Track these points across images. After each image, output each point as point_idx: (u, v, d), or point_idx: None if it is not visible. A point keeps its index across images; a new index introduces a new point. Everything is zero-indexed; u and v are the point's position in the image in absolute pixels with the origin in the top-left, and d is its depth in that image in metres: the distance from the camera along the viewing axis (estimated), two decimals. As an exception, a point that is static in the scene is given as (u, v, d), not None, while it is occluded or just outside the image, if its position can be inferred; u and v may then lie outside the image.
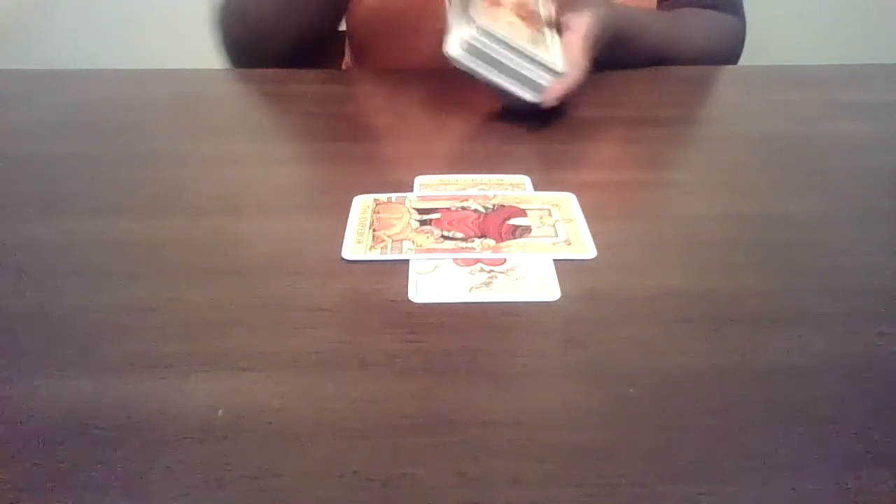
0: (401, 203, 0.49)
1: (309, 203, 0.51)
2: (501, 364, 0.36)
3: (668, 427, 0.33)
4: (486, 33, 0.58)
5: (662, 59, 0.73)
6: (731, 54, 0.82)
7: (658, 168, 0.56)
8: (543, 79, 0.59)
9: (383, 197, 0.50)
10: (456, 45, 0.58)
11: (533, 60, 0.59)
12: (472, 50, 0.58)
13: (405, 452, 0.32)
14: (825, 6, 1.33)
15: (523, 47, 0.58)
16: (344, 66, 0.85)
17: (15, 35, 1.30)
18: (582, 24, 0.62)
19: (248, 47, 0.75)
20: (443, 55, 0.58)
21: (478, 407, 0.34)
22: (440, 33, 0.59)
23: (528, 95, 0.59)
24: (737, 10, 0.82)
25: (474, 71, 0.59)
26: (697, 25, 0.78)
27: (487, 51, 0.58)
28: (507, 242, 0.45)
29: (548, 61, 0.59)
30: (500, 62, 0.58)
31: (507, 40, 0.58)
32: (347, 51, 0.84)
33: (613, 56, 0.66)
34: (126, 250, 0.45)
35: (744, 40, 0.83)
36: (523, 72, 0.59)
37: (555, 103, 0.59)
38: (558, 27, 0.63)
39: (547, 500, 0.30)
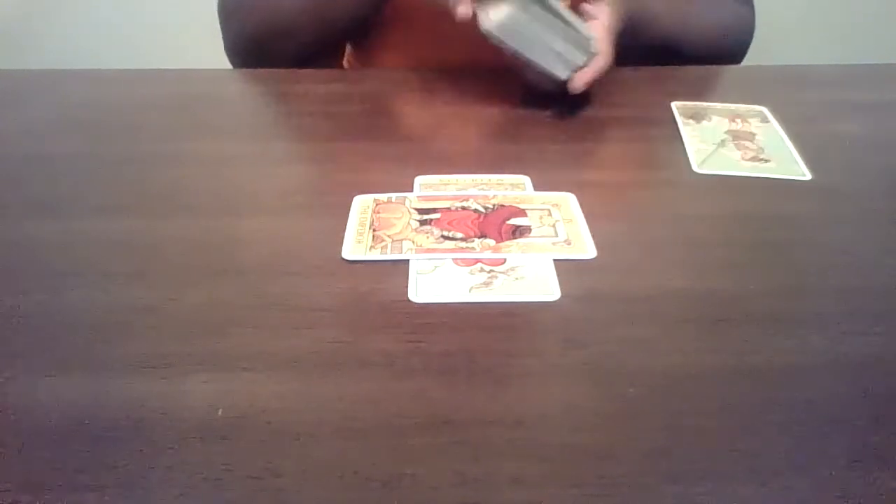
0: (401, 203, 0.49)
1: (309, 203, 0.51)
2: (501, 364, 0.36)
3: (668, 427, 0.33)
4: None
5: (673, 47, 0.73)
6: (740, 43, 0.82)
7: (658, 168, 0.56)
8: (577, 58, 0.59)
9: (383, 197, 0.50)
10: (497, 16, 0.58)
11: (569, 36, 0.59)
12: (512, 21, 0.58)
13: (405, 452, 0.32)
14: (825, 6, 1.33)
15: (567, 15, 0.59)
16: (345, 64, 0.85)
17: (15, 35, 1.30)
18: (604, 14, 0.62)
19: (266, 45, 0.73)
20: (445, 51, 0.57)
21: (478, 407, 0.34)
22: (447, 27, 0.59)
23: (561, 73, 0.59)
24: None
25: (511, 41, 0.59)
26: (708, 13, 0.78)
27: (528, 21, 0.58)
28: (507, 242, 0.45)
29: (587, 37, 0.59)
30: (539, 34, 0.58)
31: (551, 6, 0.59)
32: (348, 49, 0.84)
33: (626, 44, 0.66)
34: (126, 250, 0.45)
35: (753, 28, 0.83)
36: (559, 48, 0.58)
37: (583, 88, 0.59)
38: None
39: (547, 500, 0.30)
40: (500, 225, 0.46)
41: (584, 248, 0.44)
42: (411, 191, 0.51)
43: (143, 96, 0.67)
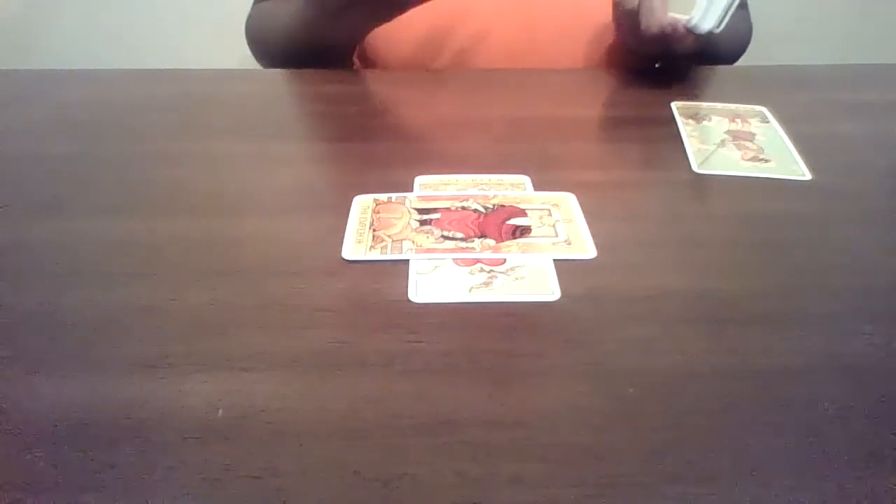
0: (401, 203, 0.49)
1: (309, 203, 0.51)
2: (501, 364, 0.36)
3: (668, 427, 0.33)
4: None
5: (708, 54, 0.73)
6: (747, 43, 0.83)
7: (658, 168, 0.56)
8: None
9: (383, 197, 0.50)
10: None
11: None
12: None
13: (405, 452, 0.32)
14: (825, 6, 1.33)
15: None
16: (354, 61, 0.85)
17: (15, 35, 1.30)
18: None
19: (267, 59, 0.79)
20: (446, 51, 0.56)
21: (478, 407, 0.34)
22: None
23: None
24: (744, 4, 0.84)
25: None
26: (737, 22, 0.79)
27: None
28: (507, 242, 0.45)
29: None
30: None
31: None
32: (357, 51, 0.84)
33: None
34: (126, 250, 0.45)
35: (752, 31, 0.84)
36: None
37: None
38: None
39: (547, 500, 0.30)
40: (500, 225, 0.46)
41: (584, 248, 0.44)
42: (411, 191, 0.51)
43: (143, 96, 0.67)
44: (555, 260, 0.43)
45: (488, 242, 0.45)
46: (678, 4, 0.63)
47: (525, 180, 0.52)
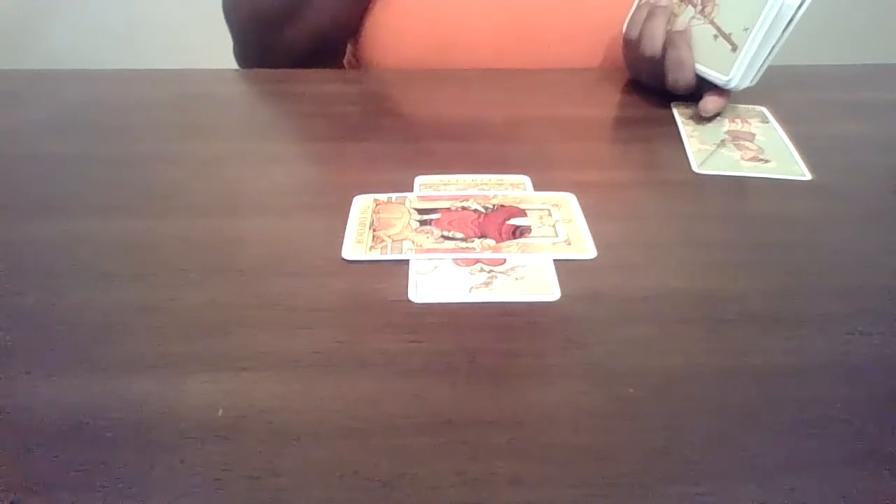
0: (401, 203, 0.49)
1: (309, 203, 0.51)
2: (501, 364, 0.36)
3: (668, 427, 0.33)
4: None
5: None
6: None
7: (658, 168, 0.56)
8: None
9: (383, 197, 0.50)
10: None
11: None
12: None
13: (405, 452, 0.32)
14: (825, 6, 1.33)
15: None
16: (345, 64, 0.85)
17: (15, 35, 1.30)
18: None
19: (257, 37, 0.76)
20: (444, 51, 0.56)
21: (478, 407, 0.34)
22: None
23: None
24: None
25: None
26: None
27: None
28: (507, 242, 0.45)
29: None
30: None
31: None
32: (349, 48, 0.84)
33: None
34: (126, 250, 0.45)
35: None
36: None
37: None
38: None
39: (547, 500, 0.30)
40: (500, 225, 0.46)
41: (584, 248, 0.44)
42: (411, 191, 0.51)
43: (143, 96, 0.67)
44: (555, 260, 0.43)
45: (488, 242, 0.45)
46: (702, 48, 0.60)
47: (525, 180, 0.52)
